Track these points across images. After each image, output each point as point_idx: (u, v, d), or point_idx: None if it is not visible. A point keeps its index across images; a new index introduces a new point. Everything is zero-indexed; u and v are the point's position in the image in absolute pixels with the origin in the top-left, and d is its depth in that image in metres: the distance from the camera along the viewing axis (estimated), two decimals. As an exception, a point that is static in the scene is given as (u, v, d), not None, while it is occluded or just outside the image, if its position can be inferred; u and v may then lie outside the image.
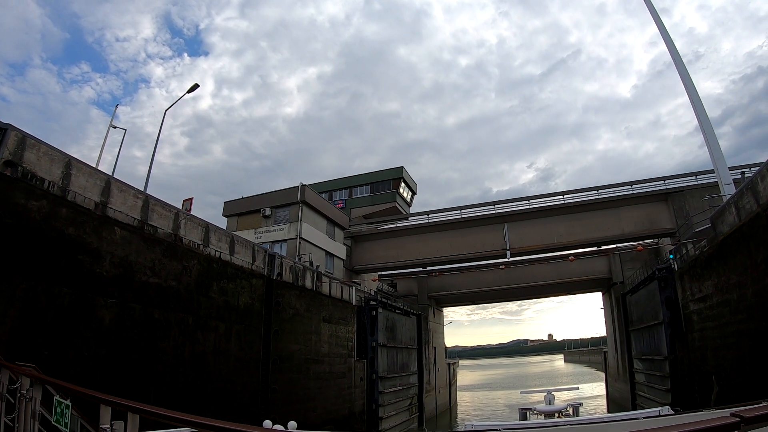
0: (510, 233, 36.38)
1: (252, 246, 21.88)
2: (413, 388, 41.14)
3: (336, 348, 28.35)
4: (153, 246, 16.46)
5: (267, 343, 21.43)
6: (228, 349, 19.05)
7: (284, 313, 23.20)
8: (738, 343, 17.41)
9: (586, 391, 62.39)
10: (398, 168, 52.43)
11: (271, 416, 10.99)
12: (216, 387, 17.88)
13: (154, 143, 27.35)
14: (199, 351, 17.55)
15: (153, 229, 16.64)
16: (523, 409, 26.31)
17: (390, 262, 40.27)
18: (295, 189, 33.87)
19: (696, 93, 25.69)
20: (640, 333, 34.29)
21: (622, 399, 41.35)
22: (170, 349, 16.38)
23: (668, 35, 27.60)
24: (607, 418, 15.30)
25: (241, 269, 20.63)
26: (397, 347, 37.96)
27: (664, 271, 27.57)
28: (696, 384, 22.40)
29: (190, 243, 18.14)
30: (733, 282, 17.71)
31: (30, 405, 5.58)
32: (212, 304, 18.58)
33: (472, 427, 13.65)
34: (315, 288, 26.80)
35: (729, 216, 18.38)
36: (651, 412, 12.07)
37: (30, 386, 5.66)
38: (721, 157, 23.71)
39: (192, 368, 17.02)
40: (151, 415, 3.84)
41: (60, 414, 4.73)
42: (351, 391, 29.78)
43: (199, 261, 18.37)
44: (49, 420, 5.10)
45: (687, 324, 24.11)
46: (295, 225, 32.63)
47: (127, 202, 15.93)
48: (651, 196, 34.02)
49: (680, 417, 8.13)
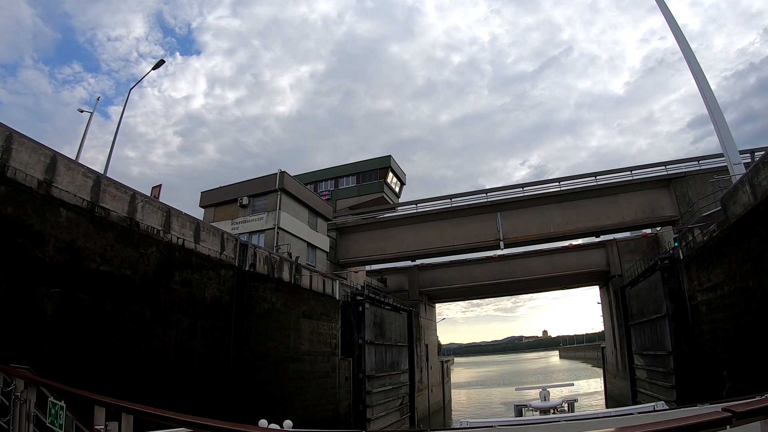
0: (503, 222, 34.97)
1: (221, 234, 20.26)
2: (404, 387, 40.13)
3: (318, 346, 26.86)
4: (105, 230, 14.90)
5: (238, 341, 19.86)
6: (192, 346, 17.47)
7: (258, 308, 21.65)
8: (754, 335, 16.01)
9: (582, 387, 62.15)
10: (386, 157, 50.89)
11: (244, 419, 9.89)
12: (178, 387, 16.27)
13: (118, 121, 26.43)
14: (158, 347, 15.98)
15: (105, 212, 15.09)
16: (518, 405, 25.87)
17: (377, 255, 38.74)
18: (274, 176, 32.21)
19: (698, 66, 24.37)
20: (640, 327, 33.27)
21: (621, 396, 40.29)
22: (124, 345, 14.81)
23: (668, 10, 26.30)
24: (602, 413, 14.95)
25: (207, 259, 19.03)
26: (386, 345, 36.76)
27: (666, 260, 26.52)
28: (705, 380, 21.07)
29: (149, 228, 16.56)
30: (748, 268, 16.33)
31: (24, 407, 5.56)
32: (174, 297, 16.99)
33: (468, 424, 12.93)
34: (294, 281, 25.24)
35: (743, 196, 16.99)
36: (646, 407, 11.63)
37: (24, 388, 5.64)
38: (729, 135, 22.34)
39: (149, 366, 15.44)
40: (145, 416, 3.87)
41: (54, 415, 4.79)
42: (335, 391, 28.37)
43: (159, 248, 16.79)
44: (44, 422, 5.06)
45: (694, 316, 22.83)
46: (274, 214, 30.93)
47: (76, 181, 14.40)
48: (652, 182, 32.68)
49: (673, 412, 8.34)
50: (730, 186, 19.05)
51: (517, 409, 25.26)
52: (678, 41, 25.98)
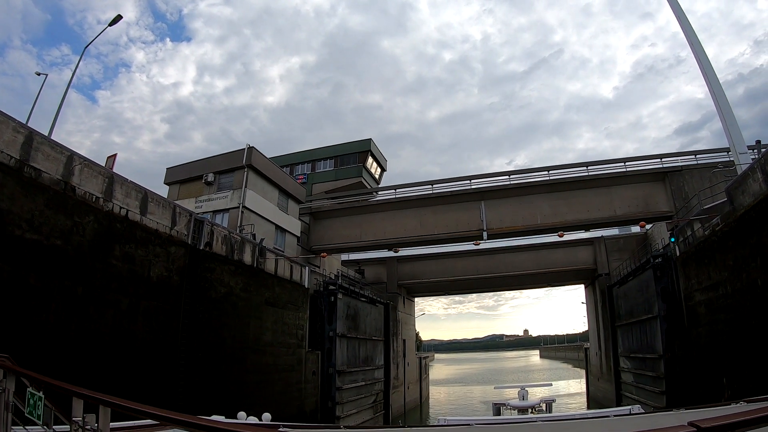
0: (487, 212, 33.54)
1: (172, 207, 18.53)
2: (378, 383, 39.06)
3: (283, 336, 25.32)
4: (34, 193, 13.27)
5: (189, 327, 18.19)
6: (133, 331, 15.82)
7: (213, 292, 20.02)
8: (763, 338, 14.72)
9: (562, 388, 62.05)
10: (366, 140, 49.18)
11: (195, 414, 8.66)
12: (115, 375, 14.58)
13: (69, 78, 25.08)
14: (91, 329, 14.32)
15: (36, 173, 13.45)
16: (496, 404, 26.04)
17: (353, 242, 37.05)
18: (241, 152, 30.40)
19: (702, 49, 23.21)
20: (628, 328, 32.47)
21: (605, 399, 39.43)
22: (51, 324, 13.14)
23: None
24: (579, 414, 14.51)
25: (155, 233, 17.32)
26: (360, 338, 35.54)
27: (659, 258, 25.54)
28: (700, 386, 19.84)
29: (86, 195, 14.87)
30: (757, 264, 15.04)
31: (3, 396, 5.40)
32: (113, 273, 15.30)
33: (446, 421, 12.01)
34: (256, 264, 23.60)
35: (753, 184, 15.73)
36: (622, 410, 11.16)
37: (3, 377, 5.51)
38: (734, 122, 21.23)
39: (81, 350, 13.78)
40: (122, 409, 3.92)
41: (33, 405, 4.78)
42: (301, 386, 26.94)
43: (98, 218, 15.10)
44: (23, 411, 4.99)
45: (690, 318, 21.75)
46: (239, 192, 29.09)
47: (4, 136, 12.81)
48: (647, 175, 31.50)
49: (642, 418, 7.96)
50: (737, 175, 17.78)
51: (495, 408, 25.48)
52: (681, 24, 24.95)
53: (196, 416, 3.72)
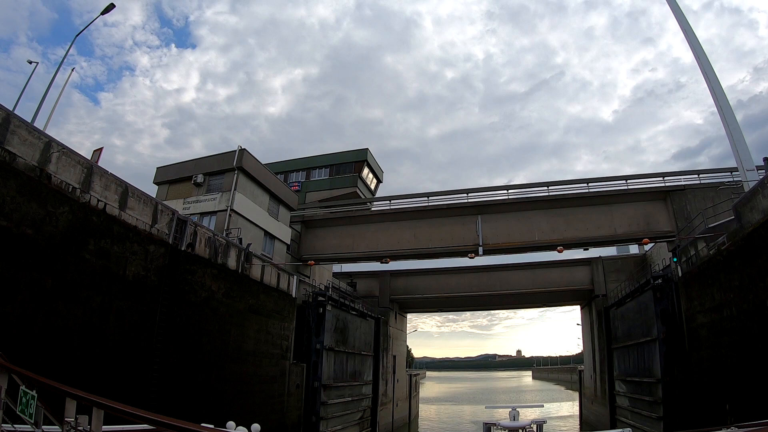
0: (484, 227, 32.85)
1: (154, 203, 17.83)
2: (366, 399, 38.40)
3: (265, 346, 24.53)
4: (6, 178, 12.60)
5: (165, 330, 17.41)
6: (104, 330, 15.04)
7: (193, 295, 19.28)
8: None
9: (554, 410, 61.93)
10: (363, 150, 48.56)
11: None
12: (82, 375, 13.77)
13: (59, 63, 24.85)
14: (58, 326, 13.55)
15: (10, 157, 12.83)
16: (487, 423, 26.26)
17: (344, 253, 36.23)
18: (232, 154, 29.75)
19: (708, 62, 22.85)
20: (625, 351, 31.78)
21: (598, 423, 38.69)
22: (14, 317, 12.38)
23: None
24: None
25: (134, 230, 16.62)
26: (348, 352, 34.79)
27: (659, 279, 25.01)
28: (700, 413, 19.09)
29: (62, 184, 14.20)
30: (765, 284, 14.40)
31: None
32: (85, 268, 14.57)
33: None
34: (241, 270, 22.89)
35: (762, 200, 15.15)
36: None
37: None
38: (741, 137, 20.73)
39: (46, 347, 13.00)
40: (115, 411, 4.07)
41: (25, 404, 4.81)
42: (284, 399, 26.10)
43: (73, 209, 14.41)
44: (14, 410, 4.99)
45: (692, 341, 21.04)
46: (228, 195, 28.40)
47: (-24, 118, 12.21)
48: (648, 193, 30.90)
49: None
50: (745, 192, 17.21)
51: (485, 428, 25.72)
52: (687, 36, 24.66)
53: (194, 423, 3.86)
